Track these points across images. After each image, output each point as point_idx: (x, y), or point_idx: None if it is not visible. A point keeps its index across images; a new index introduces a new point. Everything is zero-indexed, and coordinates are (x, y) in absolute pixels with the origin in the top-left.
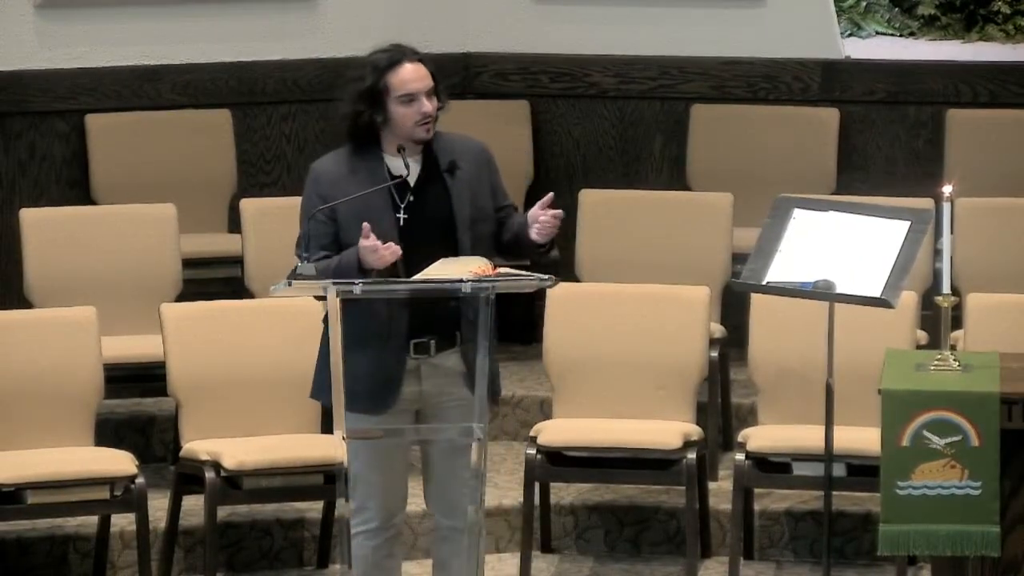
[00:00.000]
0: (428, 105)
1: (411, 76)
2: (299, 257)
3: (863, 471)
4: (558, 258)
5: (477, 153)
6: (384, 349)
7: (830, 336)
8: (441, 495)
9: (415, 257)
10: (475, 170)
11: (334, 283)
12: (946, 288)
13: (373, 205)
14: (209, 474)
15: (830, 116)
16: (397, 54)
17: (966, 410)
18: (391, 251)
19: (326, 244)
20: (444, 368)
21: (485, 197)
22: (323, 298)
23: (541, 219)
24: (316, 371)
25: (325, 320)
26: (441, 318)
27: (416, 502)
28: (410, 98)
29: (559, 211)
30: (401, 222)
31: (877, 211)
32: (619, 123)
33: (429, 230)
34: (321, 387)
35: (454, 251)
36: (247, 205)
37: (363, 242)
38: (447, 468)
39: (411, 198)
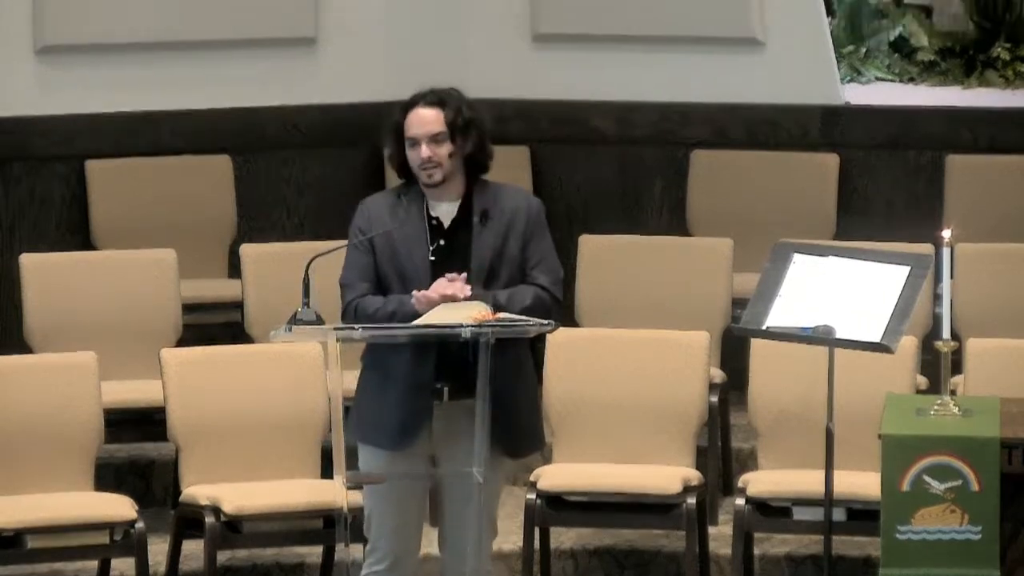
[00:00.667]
0: (426, 151)
1: (413, 120)
2: (343, 287)
3: (863, 515)
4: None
5: (520, 201)
6: (406, 391)
7: (830, 381)
8: (451, 540)
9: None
10: (511, 219)
11: (334, 329)
12: (946, 333)
13: (408, 243)
14: (209, 518)
15: (830, 161)
16: (415, 98)
17: (966, 455)
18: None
19: (368, 275)
20: (457, 414)
21: (515, 246)
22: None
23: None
24: (356, 408)
25: (362, 359)
26: (458, 365)
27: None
28: (412, 142)
29: (455, 282)
30: (430, 264)
31: (877, 256)
32: (619, 168)
33: (453, 271)
34: (354, 425)
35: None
36: (247, 250)
37: (416, 295)
38: (458, 516)
39: (441, 241)
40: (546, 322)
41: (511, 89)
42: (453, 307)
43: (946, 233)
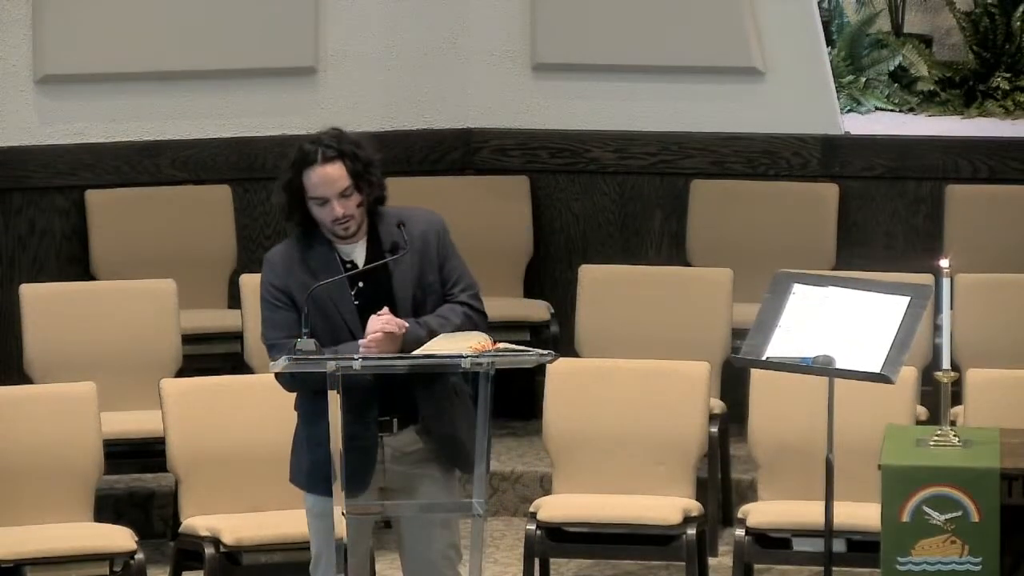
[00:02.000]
0: (339, 209)
1: (318, 180)
2: (269, 347)
3: (863, 547)
4: (557, 333)
5: (425, 227)
6: (356, 430)
7: (830, 411)
8: (414, 569)
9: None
10: (421, 246)
11: (334, 359)
12: (946, 363)
13: (330, 293)
14: (208, 550)
15: (829, 191)
16: (311, 155)
17: (966, 486)
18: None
19: (295, 330)
20: (404, 445)
21: (433, 273)
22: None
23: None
24: (292, 455)
25: (296, 406)
26: (402, 396)
27: None
28: (321, 201)
29: (383, 321)
30: (356, 307)
31: (877, 287)
32: (619, 198)
33: (379, 311)
34: (296, 471)
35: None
36: (247, 280)
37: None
38: (420, 544)
39: (361, 284)
40: (545, 352)
41: (510, 119)
42: (451, 337)
43: (945, 263)
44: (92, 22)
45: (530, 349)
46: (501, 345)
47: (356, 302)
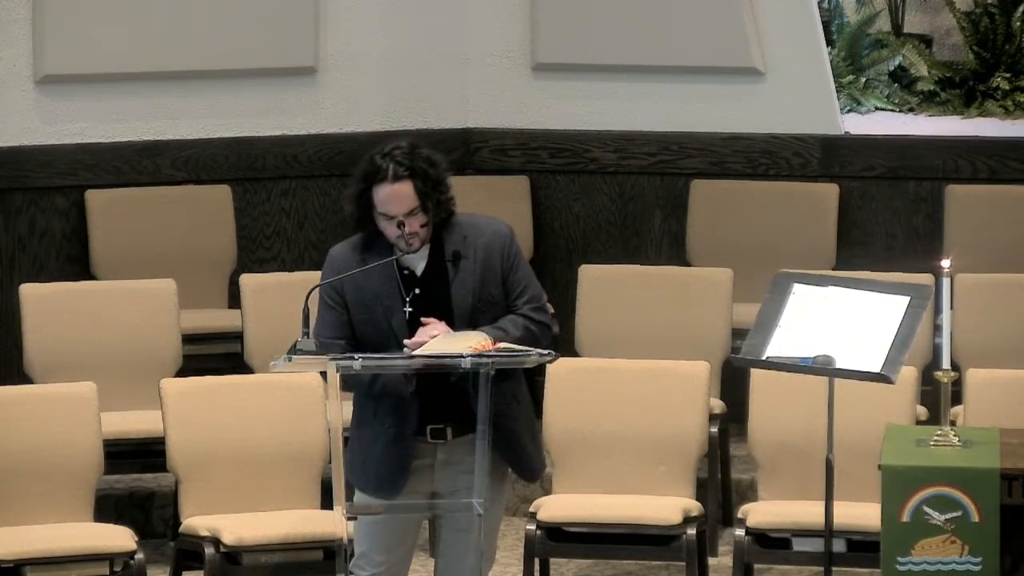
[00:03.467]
0: (405, 227)
1: (387, 198)
2: (322, 340)
3: (863, 547)
4: (557, 334)
5: (491, 238)
6: (397, 433)
7: (830, 411)
8: (446, 571)
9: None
10: (485, 256)
11: (333, 359)
12: (946, 363)
13: (382, 298)
14: (209, 550)
15: (829, 191)
16: (382, 171)
17: (966, 486)
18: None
19: (343, 333)
20: (462, 451)
21: (494, 285)
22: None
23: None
24: (350, 451)
25: (353, 402)
26: (456, 403)
27: None
28: (388, 217)
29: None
30: (407, 316)
31: (877, 286)
32: (619, 198)
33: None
34: (350, 466)
35: None
36: (247, 280)
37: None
38: (456, 547)
39: (416, 291)
40: (546, 352)
41: (510, 119)
42: (452, 337)
43: (946, 263)
44: (92, 22)
45: (530, 349)
46: (501, 345)
47: (409, 309)
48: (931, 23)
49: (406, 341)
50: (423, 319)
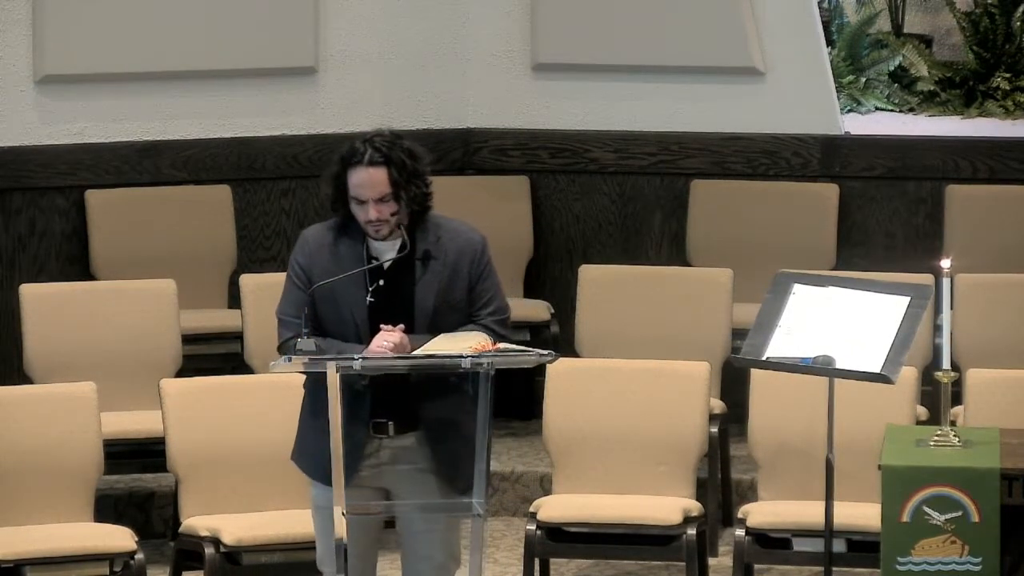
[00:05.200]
0: (374, 212)
1: (359, 182)
2: (279, 320)
3: (863, 547)
4: (557, 333)
5: (463, 244)
6: (351, 425)
7: (830, 412)
8: (411, 571)
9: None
10: (455, 260)
11: (334, 359)
12: (946, 364)
13: (346, 284)
14: (208, 550)
15: (830, 192)
16: (357, 155)
17: (966, 486)
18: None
19: (303, 312)
20: (404, 449)
21: (460, 291)
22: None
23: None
24: (297, 435)
25: (305, 386)
26: (401, 400)
27: None
28: (357, 201)
29: (392, 334)
30: (368, 304)
31: (877, 287)
32: (619, 198)
33: (393, 315)
34: (299, 452)
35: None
36: (247, 280)
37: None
38: (419, 547)
39: (381, 282)
40: (545, 352)
41: (510, 119)
42: (452, 337)
43: (946, 263)
44: (92, 22)
45: (530, 349)
46: (501, 345)
47: (371, 299)
48: (931, 23)
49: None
50: (382, 325)
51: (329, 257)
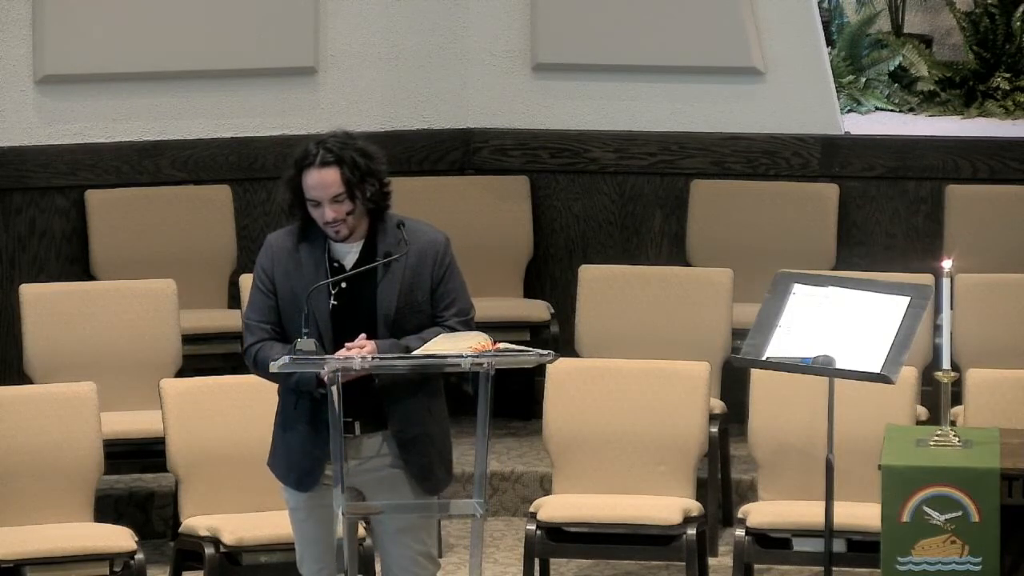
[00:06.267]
0: (330, 213)
1: (313, 183)
2: (245, 326)
3: (863, 547)
4: (557, 333)
5: (426, 244)
6: (310, 427)
7: (830, 412)
8: (390, 570)
9: (344, 343)
10: (416, 262)
11: (334, 360)
12: (946, 364)
13: (308, 287)
14: (208, 550)
15: (830, 192)
16: (309, 156)
17: (966, 486)
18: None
19: (270, 318)
20: (370, 449)
21: (422, 292)
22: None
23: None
24: (272, 441)
25: (278, 392)
26: (367, 400)
27: None
28: (314, 203)
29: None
30: (331, 307)
31: (877, 287)
32: (619, 198)
33: (357, 318)
34: (271, 457)
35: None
36: (247, 280)
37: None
38: (391, 553)
39: (343, 285)
40: (545, 352)
41: (510, 119)
42: (452, 337)
43: (946, 264)
44: (92, 22)
45: (530, 349)
46: (501, 345)
47: (334, 302)
48: (931, 23)
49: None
50: (347, 344)
51: (291, 261)
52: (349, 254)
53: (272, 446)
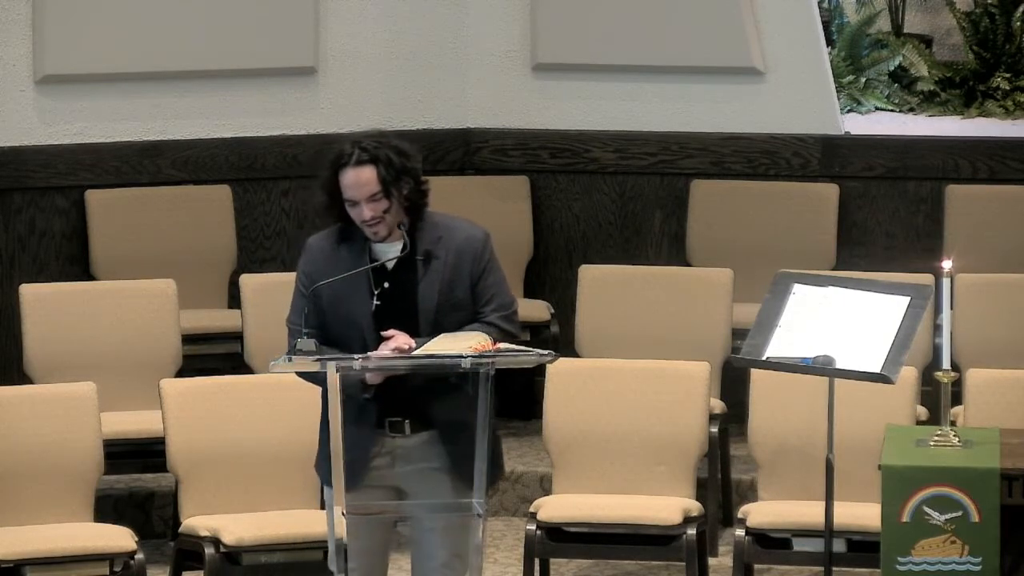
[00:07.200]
0: (367, 212)
1: (349, 182)
2: (288, 329)
3: (863, 547)
4: (557, 333)
5: (464, 241)
6: (359, 428)
7: (830, 412)
8: (420, 571)
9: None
10: (455, 259)
11: (334, 359)
12: (946, 364)
13: (351, 288)
14: (208, 550)
15: (830, 192)
16: (345, 156)
17: (966, 486)
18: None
19: (311, 321)
20: (419, 448)
21: (462, 289)
22: (310, 376)
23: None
24: (319, 445)
25: (321, 395)
26: (416, 398)
27: None
28: (351, 203)
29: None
30: (374, 308)
31: (877, 287)
32: (619, 199)
33: (399, 317)
34: (317, 459)
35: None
36: (247, 280)
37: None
38: (430, 547)
39: (386, 285)
40: (545, 352)
41: (510, 119)
42: (453, 337)
43: (946, 264)
44: (92, 22)
45: (530, 349)
46: (501, 345)
47: (377, 302)
48: (931, 23)
49: (368, 378)
50: (383, 332)
51: (332, 263)
52: (389, 253)
53: (319, 451)
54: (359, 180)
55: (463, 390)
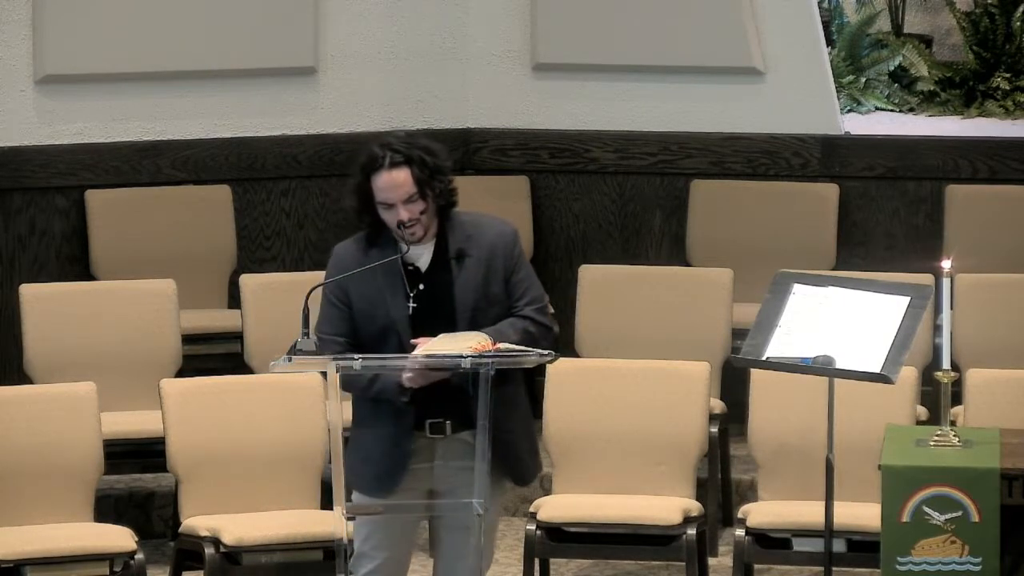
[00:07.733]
0: (404, 214)
1: (384, 185)
2: (321, 336)
3: (863, 547)
4: (558, 335)
5: (494, 238)
6: (396, 430)
7: (830, 412)
8: (444, 571)
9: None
10: (488, 255)
11: (334, 359)
12: (946, 364)
13: (386, 293)
14: (209, 550)
15: (829, 192)
16: (378, 159)
17: (966, 486)
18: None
19: (343, 329)
20: (458, 448)
21: (497, 284)
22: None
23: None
24: (347, 453)
25: (352, 401)
26: (455, 398)
27: None
28: (386, 206)
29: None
30: (411, 311)
31: (877, 287)
32: (619, 199)
33: (437, 318)
34: (350, 469)
35: None
36: (247, 281)
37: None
38: (455, 547)
39: (421, 287)
40: (546, 352)
41: (511, 119)
42: (453, 337)
43: (946, 264)
44: (92, 22)
45: (530, 349)
46: (501, 345)
47: (413, 305)
48: (931, 23)
49: (404, 377)
50: (413, 340)
51: (364, 271)
52: (422, 256)
53: (349, 457)
54: (395, 182)
55: (501, 387)
